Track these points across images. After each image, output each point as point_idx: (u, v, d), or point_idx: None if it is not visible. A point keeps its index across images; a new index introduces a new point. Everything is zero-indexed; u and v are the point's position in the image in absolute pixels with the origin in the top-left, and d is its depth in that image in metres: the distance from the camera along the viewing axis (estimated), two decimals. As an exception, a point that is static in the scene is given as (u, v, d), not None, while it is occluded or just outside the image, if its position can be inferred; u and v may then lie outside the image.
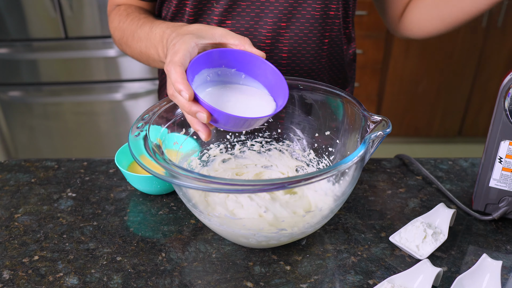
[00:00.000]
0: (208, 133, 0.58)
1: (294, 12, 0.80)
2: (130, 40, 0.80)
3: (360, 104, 0.67)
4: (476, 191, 0.74)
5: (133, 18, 0.81)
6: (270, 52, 0.83)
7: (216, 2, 0.79)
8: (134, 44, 0.79)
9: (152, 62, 0.77)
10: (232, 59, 0.62)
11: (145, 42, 0.74)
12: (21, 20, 1.94)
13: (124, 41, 0.83)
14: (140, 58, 0.81)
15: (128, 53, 0.85)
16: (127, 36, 0.81)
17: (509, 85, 0.65)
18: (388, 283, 0.60)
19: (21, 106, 2.14)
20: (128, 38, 0.80)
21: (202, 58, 0.59)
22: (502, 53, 2.39)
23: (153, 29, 0.72)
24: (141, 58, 0.80)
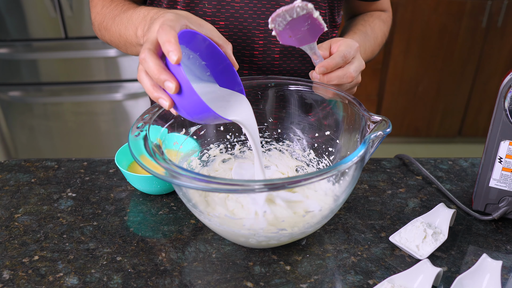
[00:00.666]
0: (171, 101, 0.57)
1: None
2: (110, 24, 0.79)
3: (360, 104, 0.67)
4: (476, 191, 0.74)
5: (117, 4, 0.81)
6: (263, 53, 0.83)
7: (208, 3, 0.79)
8: (114, 27, 0.78)
9: (129, 46, 0.77)
10: (209, 53, 0.63)
11: (126, 23, 0.74)
12: (21, 20, 1.94)
13: (104, 26, 0.82)
14: (118, 42, 0.80)
15: (107, 38, 0.84)
16: (107, 20, 0.80)
17: (509, 85, 0.65)
18: (388, 283, 0.60)
19: (21, 106, 2.14)
20: (109, 22, 0.80)
21: (188, 35, 0.59)
22: (502, 53, 2.39)
23: (137, 10, 0.72)
24: (119, 42, 0.79)
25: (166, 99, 0.57)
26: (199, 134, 0.76)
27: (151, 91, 0.58)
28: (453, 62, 2.41)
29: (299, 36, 0.67)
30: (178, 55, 0.53)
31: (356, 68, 0.72)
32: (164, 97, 0.57)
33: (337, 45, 0.73)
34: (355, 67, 0.72)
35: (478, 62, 2.41)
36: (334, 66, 0.70)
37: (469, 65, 2.42)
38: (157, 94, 0.57)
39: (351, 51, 0.72)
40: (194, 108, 0.56)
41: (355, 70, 0.72)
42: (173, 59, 0.53)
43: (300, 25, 0.65)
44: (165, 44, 0.54)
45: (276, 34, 0.67)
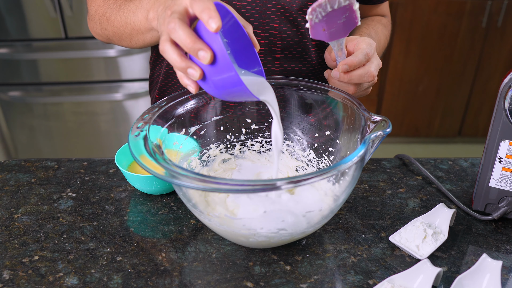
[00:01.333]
0: (201, 71, 0.55)
1: (286, 14, 0.81)
2: (114, 14, 0.77)
3: (360, 104, 0.67)
4: (476, 191, 0.74)
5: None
6: (264, 53, 0.83)
7: None
8: (119, 16, 0.76)
9: (135, 34, 0.74)
10: (232, 31, 0.61)
11: (134, 9, 0.71)
12: (21, 20, 1.94)
13: (107, 17, 0.80)
14: (122, 33, 0.78)
15: (109, 30, 0.81)
16: (111, 10, 0.78)
17: (509, 85, 0.65)
18: (388, 283, 0.60)
19: (21, 106, 2.14)
20: (113, 12, 0.78)
21: (220, 8, 0.57)
22: (502, 53, 2.39)
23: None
24: (124, 31, 0.77)
25: (196, 69, 0.54)
26: (199, 134, 0.76)
27: (178, 61, 0.55)
28: (453, 62, 2.41)
29: (333, 29, 0.66)
30: (218, 23, 0.51)
31: (376, 67, 0.71)
32: (194, 66, 0.54)
33: (354, 43, 0.72)
34: (375, 65, 0.71)
35: (478, 62, 2.41)
36: (357, 64, 0.69)
37: (469, 65, 2.42)
38: (185, 64, 0.54)
39: (371, 49, 0.71)
40: (226, 81, 0.54)
41: (375, 69, 0.71)
42: (213, 27, 0.50)
43: (337, 18, 0.64)
44: (204, 12, 0.51)
45: (309, 26, 0.65)
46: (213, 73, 0.54)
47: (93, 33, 0.88)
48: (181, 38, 0.53)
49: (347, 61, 0.69)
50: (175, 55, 0.54)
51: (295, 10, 0.81)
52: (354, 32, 0.90)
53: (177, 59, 0.55)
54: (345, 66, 0.69)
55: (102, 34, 0.84)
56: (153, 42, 0.76)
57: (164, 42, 0.55)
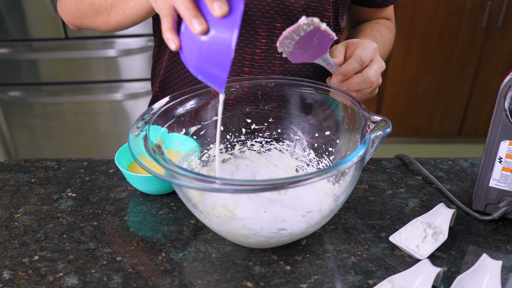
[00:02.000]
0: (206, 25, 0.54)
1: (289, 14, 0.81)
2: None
3: (360, 104, 0.67)
4: (476, 191, 0.74)
5: None
6: (265, 52, 0.83)
7: None
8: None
9: (117, 4, 0.72)
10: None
11: None
12: (21, 20, 1.94)
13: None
14: (101, 5, 0.75)
15: (85, 4, 0.78)
16: None
17: (509, 85, 0.65)
18: (388, 283, 0.60)
19: (21, 106, 2.14)
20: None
21: None
22: (502, 53, 2.39)
23: None
24: (104, 2, 0.74)
25: (202, 21, 0.53)
26: (199, 134, 0.76)
27: (190, 9, 0.53)
28: (453, 62, 2.41)
29: (310, 52, 0.66)
30: None
31: (375, 71, 0.70)
32: (201, 19, 0.53)
33: (353, 47, 0.71)
34: (374, 70, 0.70)
35: (478, 62, 2.41)
36: (352, 72, 0.68)
37: (469, 65, 2.42)
38: (195, 13, 0.53)
39: (368, 53, 0.70)
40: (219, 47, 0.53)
41: (374, 74, 0.70)
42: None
43: (309, 41, 0.64)
44: None
45: (286, 55, 0.65)
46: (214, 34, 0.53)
47: (62, 13, 0.85)
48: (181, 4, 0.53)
49: (341, 71, 0.69)
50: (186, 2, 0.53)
51: (298, 10, 0.81)
52: (358, 34, 0.90)
53: (188, 5, 0.53)
54: (339, 76, 0.69)
55: (75, 10, 0.81)
56: (133, 13, 0.74)
57: None
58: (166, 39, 0.57)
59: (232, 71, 0.85)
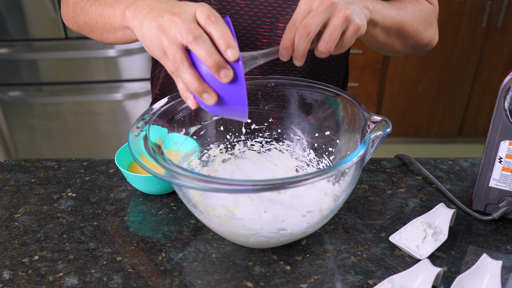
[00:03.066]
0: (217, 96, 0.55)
1: (292, 13, 0.80)
2: (90, 3, 0.74)
3: (360, 104, 0.67)
4: (476, 191, 0.74)
5: None
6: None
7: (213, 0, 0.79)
8: (94, 7, 0.72)
9: (107, 29, 0.71)
10: None
11: (113, 2, 0.67)
12: (21, 20, 1.94)
13: (81, 6, 0.76)
14: (94, 24, 0.74)
15: (81, 19, 0.77)
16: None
17: (509, 85, 0.65)
18: (388, 283, 0.60)
19: (21, 106, 2.14)
20: (88, 2, 0.74)
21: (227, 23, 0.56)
22: (502, 53, 2.39)
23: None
24: (96, 23, 0.73)
25: (212, 94, 0.55)
26: (199, 134, 0.76)
27: (196, 84, 0.54)
28: (453, 62, 2.41)
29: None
30: (237, 53, 0.52)
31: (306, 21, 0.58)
32: (211, 92, 0.55)
33: None
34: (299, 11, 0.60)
35: (478, 62, 2.41)
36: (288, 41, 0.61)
37: (469, 65, 2.42)
38: (202, 87, 0.55)
39: (297, 12, 0.60)
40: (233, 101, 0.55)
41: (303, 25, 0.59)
42: (233, 57, 0.52)
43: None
44: (225, 39, 0.52)
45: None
46: (223, 94, 0.55)
47: (64, 19, 0.85)
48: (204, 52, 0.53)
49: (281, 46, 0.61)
50: (192, 77, 0.54)
51: None
52: None
53: (194, 81, 0.54)
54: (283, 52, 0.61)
55: (73, 21, 0.81)
56: (124, 40, 0.73)
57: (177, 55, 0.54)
58: (184, 99, 0.58)
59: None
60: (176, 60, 0.54)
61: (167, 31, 0.54)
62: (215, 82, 0.55)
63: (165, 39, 0.55)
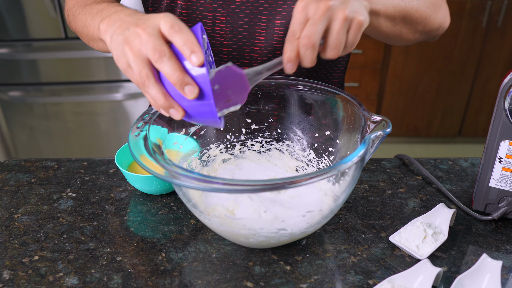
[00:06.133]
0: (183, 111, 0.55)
1: (288, 10, 0.80)
2: (78, 12, 0.75)
3: (360, 104, 0.67)
4: (476, 191, 0.74)
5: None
6: (264, 50, 0.83)
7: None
8: (81, 16, 0.73)
9: (90, 38, 0.73)
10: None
11: (95, 13, 0.68)
12: (21, 20, 1.94)
13: (73, 13, 0.78)
14: (81, 33, 0.76)
15: (73, 26, 0.80)
16: (77, 7, 0.76)
17: (509, 85, 0.65)
18: (388, 283, 0.60)
19: (21, 106, 2.14)
20: (78, 9, 0.76)
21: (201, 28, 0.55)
22: (502, 53, 2.39)
23: (112, 4, 0.67)
24: (82, 32, 0.75)
25: (179, 110, 0.55)
26: (199, 134, 0.76)
27: (162, 100, 0.54)
28: (453, 62, 2.41)
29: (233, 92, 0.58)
30: (201, 59, 0.50)
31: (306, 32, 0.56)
32: (177, 107, 0.54)
33: None
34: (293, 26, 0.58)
35: (478, 62, 2.41)
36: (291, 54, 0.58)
37: (469, 65, 2.42)
38: (168, 103, 0.54)
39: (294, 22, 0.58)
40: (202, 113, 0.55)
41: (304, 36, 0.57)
42: (196, 63, 0.51)
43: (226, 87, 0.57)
44: (189, 45, 0.51)
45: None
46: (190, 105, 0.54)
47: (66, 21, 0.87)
48: (169, 68, 0.52)
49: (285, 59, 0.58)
50: (158, 93, 0.53)
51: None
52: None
53: (160, 97, 0.54)
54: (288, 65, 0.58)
55: (70, 26, 0.83)
56: (105, 50, 0.74)
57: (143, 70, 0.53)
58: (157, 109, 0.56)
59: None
60: (142, 76, 0.53)
61: (132, 44, 0.54)
62: (183, 99, 0.54)
63: (130, 53, 0.54)
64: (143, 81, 0.54)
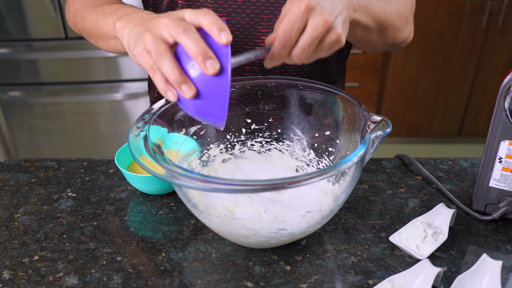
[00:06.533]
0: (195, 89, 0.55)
1: None
2: (88, 12, 0.76)
3: (360, 104, 0.67)
4: (476, 191, 0.74)
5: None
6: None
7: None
8: (91, 16, 0.74)
9: (101, 37, 0.74)
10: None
11: (108, 13, 0.69)
12: (21, 20, 1.94)
13: (80, 13, 0.79)
14: (90, 32, 0.77)
15: (79, 26, 0.80)
16: (86, 7, 0.77)
17: (509, 85, 0.65)
18: (388, 283, 0.60)
19: (21, 106, 2.14)
20: (87, 10, 0.77)
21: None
22: (502, 53, 2.39)
23: (126, 6, 0.69)
24: (92, 31, 0.76)
25: (192, 87, 0.55)
26: (199, 134, 0.76)
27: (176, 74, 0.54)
28: (453, 62, 2.41)
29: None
30: (229, 36, 0.52)
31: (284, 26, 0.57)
32: (190, 84, 0.54)
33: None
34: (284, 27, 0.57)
35: (478, 62, 2.41)
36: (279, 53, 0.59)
37: (469, 65, 2.42)
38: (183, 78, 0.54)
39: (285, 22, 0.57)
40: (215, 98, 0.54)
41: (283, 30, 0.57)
42: (226, 40, 0.52)
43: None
44: (216, 23, 0.52)
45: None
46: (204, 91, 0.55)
47: (68, 22, 0.88)
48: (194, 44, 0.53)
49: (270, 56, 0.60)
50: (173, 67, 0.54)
51: None
52: None
53: (175, 71, 0.54)
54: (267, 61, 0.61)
55: (74, 27, 0.84)
56: (116, 49, 0.76)
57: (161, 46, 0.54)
58: (163, 93, 0.57)
59: (233, 70, 0.84)
60: (160, 50, 0.54)
61: (153, 30, 0.55)
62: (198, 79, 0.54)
63: (150, 37, 0.55)
64: (159, 56, 0.54)
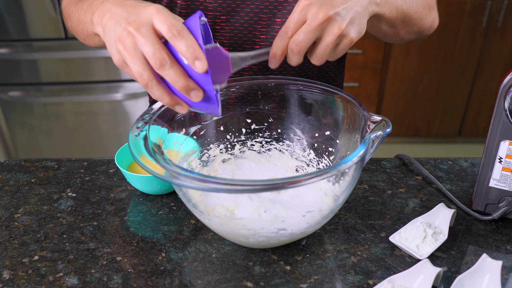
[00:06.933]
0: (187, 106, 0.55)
1: (289, 8, 0.80)
2: (72, 9, 0.74)
3: (360, 104, 0.67)
4: (476, 191, 0.74)
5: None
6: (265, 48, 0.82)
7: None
8: (75, 13, 0.72)
9: (86, 35, 0.71)
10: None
11: (86, 8, 0.66)
12: (21, 20, 1.94)
13: (67, 11, 0.77)
14: (77, 30, 0.74)
15: (69, 25, 0.79)
16: (70, 4, 0.75)
17: (509, 85, 0.65)
18: (388, 283, 0.60)
19: (21, 106, 2.14)
20: (71, 7, 0.74)
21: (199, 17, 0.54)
22: (502, 53, 2.39)
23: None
24: (77, 29, 0.74)
25: (184, 105, 0.55)
26: (199, 134, 0.76)
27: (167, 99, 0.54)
28: (453, 62, 2.41)
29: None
30: (205, 65, 0.50)
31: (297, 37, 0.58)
32: (183, 103, 0.55)
33: None
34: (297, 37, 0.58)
35: (478, 62, 2.41)
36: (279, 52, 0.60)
37: (469, 65, 2.42)
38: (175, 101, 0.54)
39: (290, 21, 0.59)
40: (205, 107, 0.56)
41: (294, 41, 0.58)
42: (202, 69, 0.50)
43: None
44: (191, 51, 0.49)
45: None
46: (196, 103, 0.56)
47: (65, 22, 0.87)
48: (172, 75, 0.51)
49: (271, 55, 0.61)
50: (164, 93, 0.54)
51: None
52: None
53: (165, 97, 0.54)
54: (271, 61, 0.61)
55: (67, 26, 0.82)
56: (102, 45, 0.73)
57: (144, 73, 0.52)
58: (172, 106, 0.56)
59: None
60: (144, 78, 0.52)
61: (125, 43, 0.52)
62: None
63: (125, 52, 0.52)
64: (145, 83, 0.53)
